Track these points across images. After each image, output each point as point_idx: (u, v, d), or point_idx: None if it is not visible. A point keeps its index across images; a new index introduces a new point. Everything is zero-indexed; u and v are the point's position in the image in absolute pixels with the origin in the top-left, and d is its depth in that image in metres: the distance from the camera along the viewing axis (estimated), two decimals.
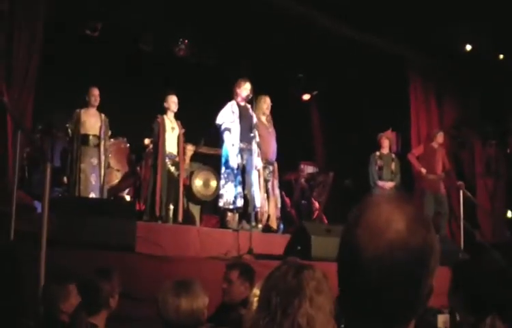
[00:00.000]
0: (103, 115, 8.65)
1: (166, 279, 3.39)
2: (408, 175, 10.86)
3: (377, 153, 10.40)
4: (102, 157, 8.49)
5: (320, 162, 13.01)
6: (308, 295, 2.06)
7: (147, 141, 8.82)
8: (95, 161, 8.42)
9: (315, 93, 13.27)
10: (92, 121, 8.54)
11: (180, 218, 8.41)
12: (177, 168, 8.52)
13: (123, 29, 10.44)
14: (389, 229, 1.20)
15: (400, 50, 11.24)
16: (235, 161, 8.11)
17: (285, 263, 2.21)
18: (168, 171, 8.40)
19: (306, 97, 13.33)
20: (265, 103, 8.99)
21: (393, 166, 10.37)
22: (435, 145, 10.65)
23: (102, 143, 8.54)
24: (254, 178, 8.16)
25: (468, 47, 10.67)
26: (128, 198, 9.54)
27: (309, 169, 12.19)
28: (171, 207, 8.30)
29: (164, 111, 8.59)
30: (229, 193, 8.13)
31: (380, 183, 10.18)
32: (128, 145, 9.56)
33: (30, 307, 4.68)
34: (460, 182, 10.41)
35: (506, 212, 11.74)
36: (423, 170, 10.44)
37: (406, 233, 1.20)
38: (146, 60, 10.81)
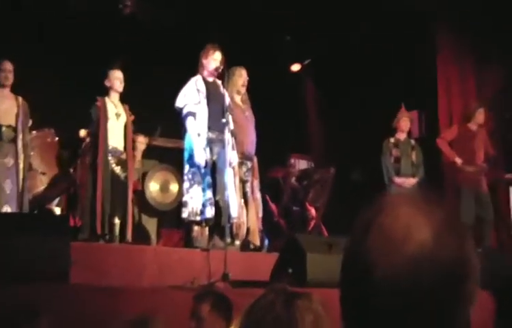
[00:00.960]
0: (20, 99, 8.53)
1: (113, 318, 3.37)
2: (435, 168, 10.89)
3: (392, 140, 10.37)
4: (21, 156, 8.41)
5: (316, 154, 13.04)
6: None
7: (83, 132, 8.78)
8: (10, 162, 8.33)
9: (307, 62, 13.27)
10: (5, 107, 8.43)
11: (129, 235, 8.38)
12: (125, 168, 8.49)
13: None
14: (410, 239, 1.19)
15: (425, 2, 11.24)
16: (202, 157, 8.09)
17: (272, 291, 2.20)
18: (113, 172, 8.36)
19: (295, 67, 13.34)
20: (241, 78, 8.98)
21: (414, 156, 10.36)
22: (473, 126, 10.57)
23: (20, 136, 8.46)
24: (229, 179, 8.15)
25: None
26: (58, 210, 9.48)
27: (302, 163, 12.24)
28: (117, 221, 8.27)
29: (105, 91, 8.55)
30: (196, 200, 8.12)
31: (398, 179, 10.17)
32: (57, 138, 9.49)
33: None
34: (509, 175, 10.39)
35: None
36: (458, 160, 10.35)
37: (432, 245, 1.19)
38: (79, 23, 10.73)
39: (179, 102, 8.32)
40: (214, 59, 8.41)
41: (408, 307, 1.17)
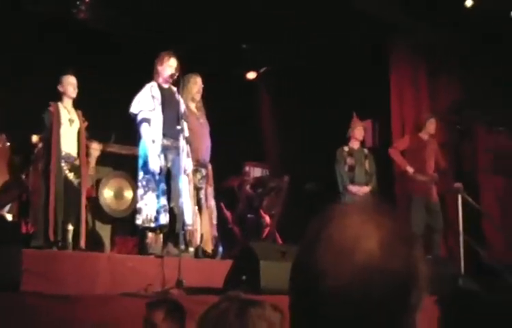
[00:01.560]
0: None
1: (66, 327, 3.35)
2: (387, 177, 10.98)
3: (346, 148, 10.44)
4: None
5: (271, 162, 13.05)
6: None
7: (35, 138, 8.68)
8: None
9: (263, 70, 13.28)
10: None
11: (83, 242, 8.31)
12: (78, 174, 8.42)
13: None
14: (358, 248, 1.20)
15: (377, 10, 11.30)
16: (156, 163, 8.06)
17: (226, 298, 2.21)
18: (66, 178, 8.28)
19: (251, 75, 13.34)
20: (196, 85, 8.97)
21: (367, 165, 10.44)
22: (424, 136, 10.69)
23: None
24: (183, 186, 8.13)
25: (469, 3, 10.75)
26: (9, 217, 9.37)
27: (257, 171, 12.23)
28: (70, 228, 8.19)
29: (59, 96, 8.47)
30: (150, 207, 8.08)
31: (352, 188, 10.23)
32: (9, 144, 9.38)
33: None
34: (458, 184, 10.49)
35: None
36: (410, 169, 10.45)
37: (381, 254, 1.20)
38: (33, 26, 10.60)
39: (133, 109, 8.27)
40: (169, 66, 8.38)
41: (358, 317, 1.18)
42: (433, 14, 11.01)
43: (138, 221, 8.18)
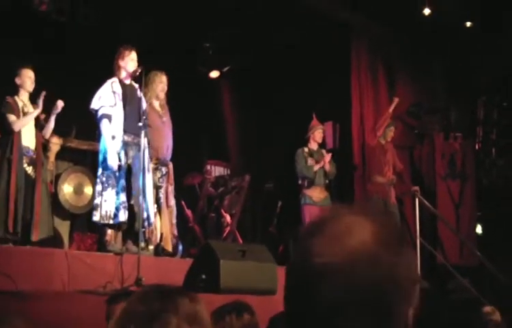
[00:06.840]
0: None
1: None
2: (346, 178, 11.06)
3: (306, 149, 10.48)
4: None
5: (233, 161, 13.02)
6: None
7: None
8: None
9: (226, 69, 13.26)
10: None
11: (36, 236, 8.14)
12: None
13: None
14: (351, 234, 1.24)
15: (340, 15, 11.34)
16: (115, 160, 7.93)
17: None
18: (25, 172, 8.15)
19: (214, 74, 13.30)
20: (161, 83, 8.90)
21: (327, 166, 10.49)
22: (383, 140, 10.83)
23: None
24: (147, 184, 8.05)
25: (427, 11, 10.85)
26: None
27: (218, 170, 12.19)
28: (29, 222, 8.06)
29: (15, 89, 8.33)
30: (109, 203, 7.97)
31: (309, 191, 10.27)
32: None
33: None
34: (415, 187, 10.58)
35: (474, 226, 11.92)
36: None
37: (372, 244, 1.23)
38: None
39: (94, 105, 8.15)
40: (131, 59, 8.26)
41: (343, 298, 1.20)
42: (392, 19, 11.11)
43: (95, 218, 8.07)
